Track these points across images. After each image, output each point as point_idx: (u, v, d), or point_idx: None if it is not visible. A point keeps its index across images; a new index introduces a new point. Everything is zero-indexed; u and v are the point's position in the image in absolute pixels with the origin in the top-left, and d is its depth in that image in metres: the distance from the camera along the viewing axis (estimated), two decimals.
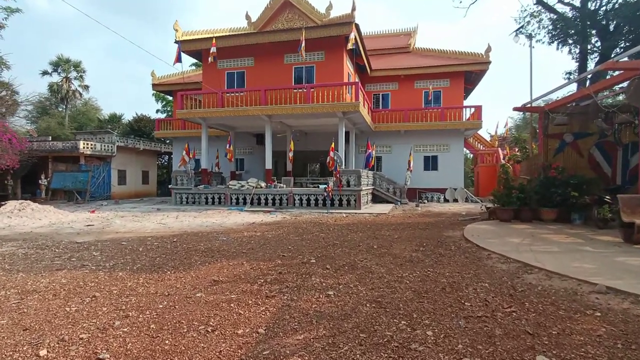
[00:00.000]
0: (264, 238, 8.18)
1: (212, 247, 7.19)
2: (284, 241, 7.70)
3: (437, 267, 5.23)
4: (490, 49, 21.40)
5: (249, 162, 24.76)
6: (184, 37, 18.37)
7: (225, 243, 7.60)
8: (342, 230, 9.26)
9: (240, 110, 17.27)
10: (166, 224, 11.35)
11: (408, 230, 9.21)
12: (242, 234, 8.86)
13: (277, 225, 10.56)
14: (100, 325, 3.36)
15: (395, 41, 26.68)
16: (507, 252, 5.82)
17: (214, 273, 5.16)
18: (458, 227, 9.53)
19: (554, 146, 10.52)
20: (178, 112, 18.15)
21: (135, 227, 10.54)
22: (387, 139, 22.38)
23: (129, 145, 27.08)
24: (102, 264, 5.82)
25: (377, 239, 7.74)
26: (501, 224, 9.74)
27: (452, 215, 13.36)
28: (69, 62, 44.09)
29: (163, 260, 6.09)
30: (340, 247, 6.93)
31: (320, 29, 17.23)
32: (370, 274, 4.87)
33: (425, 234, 8.38)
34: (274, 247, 7.08)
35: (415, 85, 23.00)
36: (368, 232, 8.84)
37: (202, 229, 10.12)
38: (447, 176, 21.44)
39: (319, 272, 5.06)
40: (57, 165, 24.40)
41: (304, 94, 16.91)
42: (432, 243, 7.17)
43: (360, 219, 12.46)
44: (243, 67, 19.34)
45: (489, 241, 6.91)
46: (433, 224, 10.47)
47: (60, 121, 43.17)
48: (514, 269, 5.04)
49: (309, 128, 21.41)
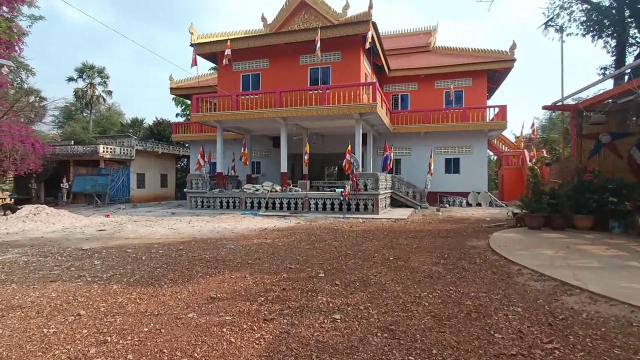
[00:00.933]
0: (274, 246, 7.75)
1: (217, 256, 6.80)
2: (294, 250, 7.24)
3: (461, 284, 4.64)
4: (515, 45, 20.40)
5: (266, 165, 24.49)
6: (199, 40, 18.28)
7: (232, 252, 7.20)
8: (357, 238, 8.73)
9: (255, 112, 16.99)
10: (177, 229, 11.10)
11: (428, 238, 8.58)
12: (252, 242, 8.46)
13: (289, 232, 10.12)
14: (73, 354, 2.96)
15: (414, 40, 25.93)
16: (540, 267, 5.15)
17: (213, 288, 4.74)
18: (483, 236, 8.83)
19: (589, 147, 9.64)
20: (193, 116, 18.04)
21: (146, 233, 10.32)
22: (406, 141, 21.65)
23: (148, 149, 27.32)
24: (99, 275, 5.51)
25: (394, 249, 7.17)
26: (530, 232, 8.97)
27: (476, 222, 12.59)
28: (93, 68, 45.28)
29: (163, 271, 5.73)
30: (353, 258, 6.41)
31: (336, 28, 16.76)
32: (384, 293, 4.33)
33: (447, 244, 7.74)
34: (283, 257, 6.62)
35: (436, 85, 22.19)
36: (384, 241, 8.26)
37: (212, 235, 9.79)
38: (469, 179, 20.52)
39: (326, 289, 4.56)
40: (78, 169, 24.84)
41: (319, 95, 16.47)
42: (454, 254, 6.54)
43: (378, 225, 11.88)
44: (258, 69, 19.08)
45: (519, 253, 6.23)
46: (455, 232, 9.78)
47: (85, 126, 44.37)
48: (550, 288, 4.38)
49: (325, 130, 20.95)
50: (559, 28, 10.67)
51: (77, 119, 47.30)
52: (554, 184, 10.05)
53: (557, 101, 9.65)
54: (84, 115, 47.67)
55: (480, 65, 20.84)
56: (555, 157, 11.33)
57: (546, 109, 9.70)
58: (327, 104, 16.14)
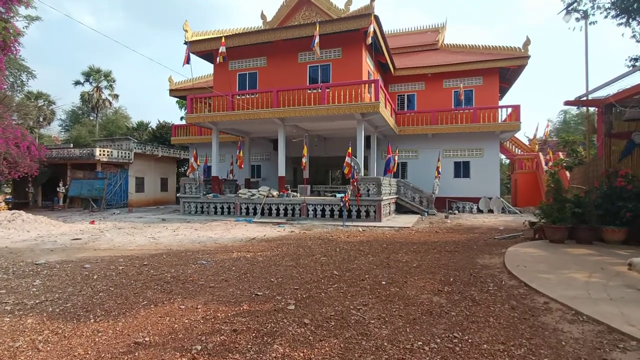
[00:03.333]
0: (252, 262, 6.69)
1: (181, 275, 5.77)
2: (272, 269, 6.17)
3: (469, 328, 3.50)
4: (529, 41, 19.11)
5: (266, 169, 23.50)
6: (193, 38, 17.43)
7: (201, 270, 6.17)
8: (350, 252, 7.62)
9: (250, 113, 16.02)
10: (158, 238, 10.13)
11: (431, 253, 7.43)
12: (231, 255, 7.42)
13: (278, 243, 9.06)
14: None
15: (422, 38, 24.77)
16: (574, 301, 3.99)
17: (148, 325, 3.69)
18: (496, 250, 7.64)
19: (620, 148, 8.39)
20: (187, 117, 17.16)
21: (121, 243, 9.37)
22: (413, 143, 20.46)
23: (147, 152, 26.60)
24: (24, 302, 4.52)
25: (390, 268, 6.04)
26: (552, 246, 7.75)
27: (487, 231, 11.37)
28: (99, 72, 45.04)
29: (106, 296, 4.72)
30: (338, 281, 5.30)
31: (336, 22, 15.72)
32: (364, 341, 3.23)
33: (454, 261, 6.58)
34: (256, 277, 5.56)
35: (444, 84, 20.98)
36: (381, 256, 7.14)
37: (191, 246, 8.79)
38: (480, 184, 19.21)
39: (290, 331, 3.47)
40: (75, 173, 24.21)
41: (318, 95, 15.44)
42: (461, 277, 5.39)
43: (378, 234, 10.74)
44: (255, 67, 18.15)
45: (543, 277, 5.06)
46: (464, 244, 8.60)
47: (91, 129, 44.16)
48: (593, 337, 3.21)
49: (327, 132, 19.89)
50: (582, 14, 9.48)
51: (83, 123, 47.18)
52: (578, 190, 8.80)
53: (581, 95, 8.42)
54: (91, 119, 47.55)
55: (492, 63, 19.57)
56: (578, 159, 10.07)
57: (569, 105, 8.49)
58: (327, 103, 15.10)
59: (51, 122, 46.00)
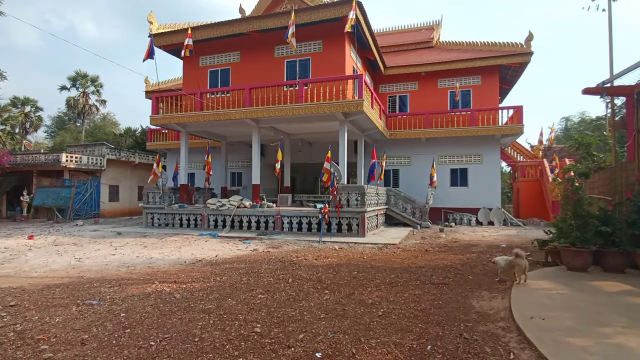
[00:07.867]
0: (160, 304, 4.80)
1: (30, 329, 3.89)
2: (175, 317, 4.28)
3: None
4: (531, 36, 17.43)
5: (247, 177, 21.57)
6: (159, 30, 15.72)
7: (72, 317, 4.28)
8: (304, 285, 5.73)
9: (220, 113, 14.23)
10: (84, 260, 8.24)
11: (411, 288, 5.53)
12: (144, 289, 5.52)
13: (223, 269, 7.16)
14: None
15: (415, 36, 23.13)
16: None
17: None
18: (499, 283, 5.75)
19: None
20: (151, 118, 15.35)
21: (31, 267, 7.48)
22: (405, 149, 18.65)
23: (122, 159, 24.76)
24: None
25: (343, 319, 4.14)
26: (573, 276, 5.86)
27: (487, 249, 9.49)
28: (86, 76, 43.47)
29: None
30: (252, 349, 3.41)
31: (314, 10, 13.99)
32: None
33: (439, 304, 4.68)
34: (133, 338, 3.67)
35: (439, 84, 19.25)
36: (342, 292, 5.25)
37: (114, 272, 6.90)
38: (479, 193, 17.35)
39: None
40: (41, 181, 22.39)
41: (296, 92, 13.67)
42: (446, 342, 3.49)
43: (355, 254, 8.85)
44: (228, 63, 16.41)
45: (573, 344, 3.18)
46: (457, 271, 6.71)
47: (76, 136, 42.52)
48: None
49: (311, 137, 18.08)
50: None
51: (68, 129, 45.53)
52: (601, 202, 6.93)
53: (605, 81, 6.64)
54: (77, 125, 45.97)
55: (491, 60, 17.86)
56: (597, 165, 8.24)
57: (589, 93, 6.67)
58: (305, 102, 13.32)
59: (38, 129, 44.46)
